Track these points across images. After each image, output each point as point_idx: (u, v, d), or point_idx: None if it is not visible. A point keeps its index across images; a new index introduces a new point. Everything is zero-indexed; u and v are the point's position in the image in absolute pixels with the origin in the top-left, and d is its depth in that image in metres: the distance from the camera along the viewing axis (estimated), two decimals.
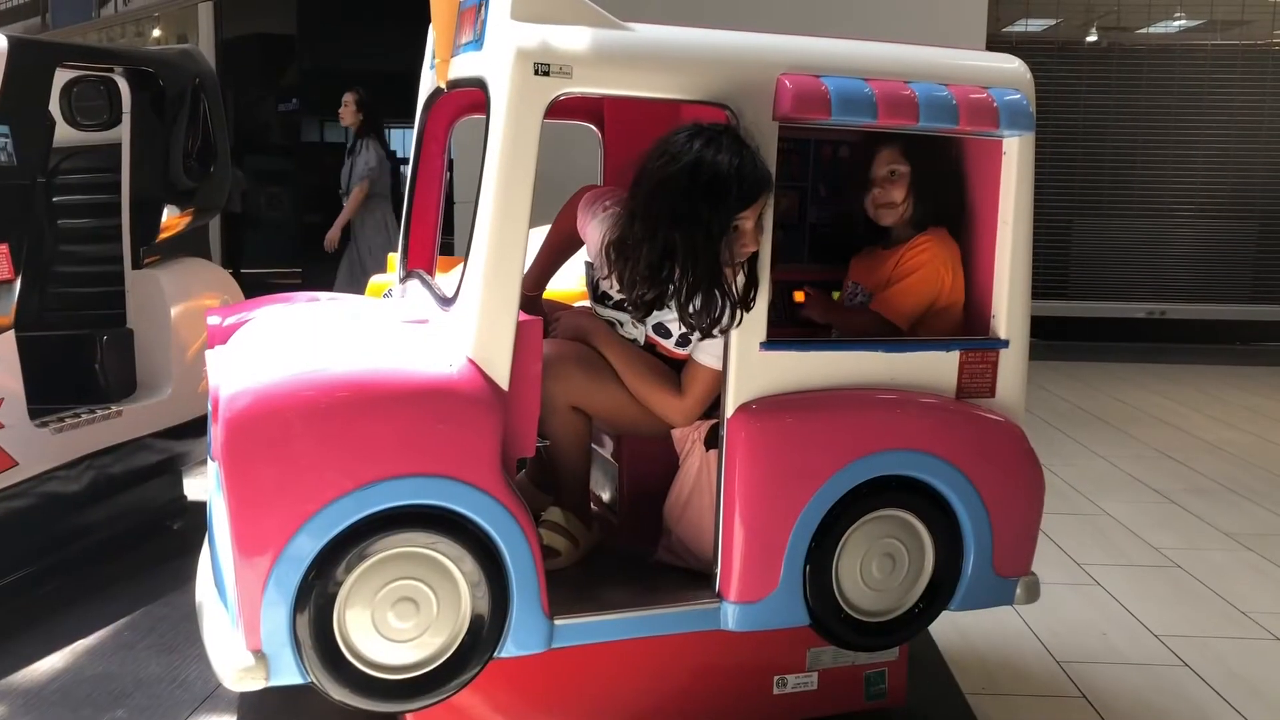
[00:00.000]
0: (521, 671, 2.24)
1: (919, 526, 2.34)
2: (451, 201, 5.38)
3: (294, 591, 1.90)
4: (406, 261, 2.83)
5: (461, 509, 1.97)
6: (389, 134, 8.20)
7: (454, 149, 2.91)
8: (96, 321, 3.69)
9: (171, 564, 3.49)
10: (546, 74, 1.98)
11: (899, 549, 2.33)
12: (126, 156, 3.69)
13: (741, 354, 2.19)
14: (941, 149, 2.52)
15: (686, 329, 2.26)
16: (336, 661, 1.96)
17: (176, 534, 3.87)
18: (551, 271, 2.64)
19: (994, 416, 2.39)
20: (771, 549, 2.21)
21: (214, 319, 2.57)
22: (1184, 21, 9.85)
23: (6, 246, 3.13)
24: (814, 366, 2.26)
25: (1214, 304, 9.60)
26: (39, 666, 2.89)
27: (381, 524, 1.94)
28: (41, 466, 3.20)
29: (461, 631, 2.03)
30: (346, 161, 7.00)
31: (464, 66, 2.26)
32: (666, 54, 2.11)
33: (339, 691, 1.97)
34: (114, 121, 3.73)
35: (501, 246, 2.00)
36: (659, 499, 2.46)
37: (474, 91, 2.18)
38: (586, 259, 2.48)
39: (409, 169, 2.82)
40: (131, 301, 3.74)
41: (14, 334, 3.11)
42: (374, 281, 4.30)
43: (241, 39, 10.95)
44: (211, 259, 4.36)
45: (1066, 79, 9.38)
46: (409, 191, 2.81)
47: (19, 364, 3.12)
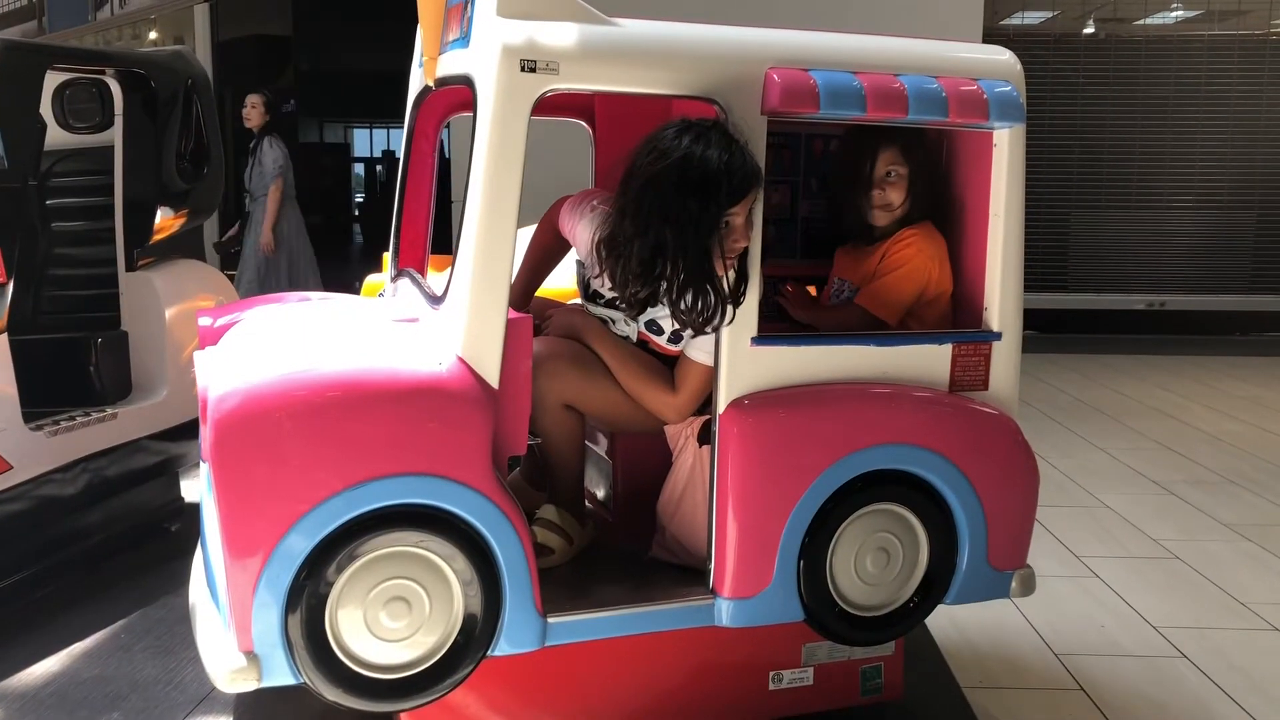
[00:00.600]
0: (516, 669, 2.23)
1: (913, 520, 2.33)
2: (449, 200, 5.37)
3: (285, 592, 1.90)
4: (398, 260, 2.83)
5: (452, 507, 1.96)
6: (386, 134, 8.20)
7: (450, 148, 2.91)
8: (91, 324, 3.69)
9: (168, 566, 3.48)
10: (533, 70, 1.97)
11: (893, 543, 2.33)
12: (119, 159, 3.69)
13: (733, 349, 2.19)
14: (935, 145, 2.51)
15: (679, 325, 2.26)
16: (329, 662, 1.96)
17: (173, 536, 3.86)
18: (534, 286, 2.62)
19: (987, 409, 2.38)
20: (765, 544, 2.21)
21: (205, 320, 2.57)
22: (1181, 12, 9.82)
23: None
24: (806, 361, 2.26)
25: (1213, 295, 9.58)
26: (35, 670, 2.89)
27: (372, 523, 1.93)
28: (37, 470, 3.19)
29: (454, 630, 2.03)
30: (250, 161, 6.80)
31: (451, 64, 2.25)
32: (653, 49, 2.10)
33: (332, 692, 1.97)
34: (106, 124, 3.72)
35: (490, 244, 2.00)
36: (653, 496, 2.45)
37: (462, 89, 2.18)
38: (577, 258, 2.47)
39: (400, 168, 2.82)
40: (126, 304, 3.73)
41: (7, 338, 3.10)
42: (370, 281, 4.31)
43: (237, 41, 10.96)
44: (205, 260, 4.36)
45: (1064, 71, 9.34)
46: (399, 190, 2.81)
47: (13, 367, 3.11)
